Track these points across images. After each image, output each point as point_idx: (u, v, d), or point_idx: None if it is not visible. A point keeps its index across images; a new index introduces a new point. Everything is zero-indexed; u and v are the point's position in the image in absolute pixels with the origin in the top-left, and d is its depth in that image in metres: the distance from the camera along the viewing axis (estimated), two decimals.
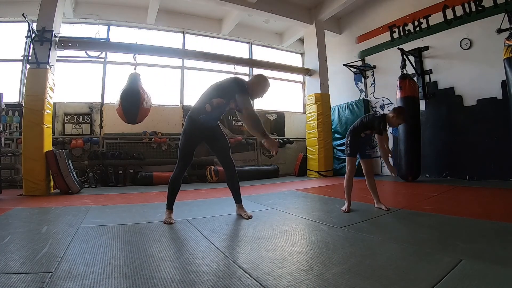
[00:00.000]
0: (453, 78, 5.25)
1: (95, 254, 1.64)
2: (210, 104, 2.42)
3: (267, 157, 7.59)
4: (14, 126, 5.29)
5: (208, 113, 2.42)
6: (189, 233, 2.10)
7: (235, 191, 2.66)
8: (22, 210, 3.00)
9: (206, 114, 2.42)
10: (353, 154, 2.81)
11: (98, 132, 6.11)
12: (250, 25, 7.72)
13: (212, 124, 2.55)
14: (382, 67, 6.62)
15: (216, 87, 2.49)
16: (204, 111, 2.42)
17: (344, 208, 2.71)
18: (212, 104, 2.41)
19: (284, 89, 8.55)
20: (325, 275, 1.32)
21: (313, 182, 5.70)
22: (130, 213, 2.85)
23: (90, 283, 1.25)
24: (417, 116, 5.12)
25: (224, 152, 2.62)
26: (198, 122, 2.45)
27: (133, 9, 6.56)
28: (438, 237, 1.86)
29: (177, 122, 6.68)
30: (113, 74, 6.44)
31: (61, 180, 4.32)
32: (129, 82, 4.96)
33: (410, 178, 5.02)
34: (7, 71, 5.78)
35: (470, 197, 3.41)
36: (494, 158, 4.60)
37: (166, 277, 1.33)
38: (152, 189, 4.88)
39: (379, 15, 6.64)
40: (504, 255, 1.50)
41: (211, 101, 2.42)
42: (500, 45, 4.11)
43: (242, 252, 1.69)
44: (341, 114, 7.28)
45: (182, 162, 2.50)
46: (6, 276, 1.31)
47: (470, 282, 1.20)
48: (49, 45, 4.47)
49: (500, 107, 4.48)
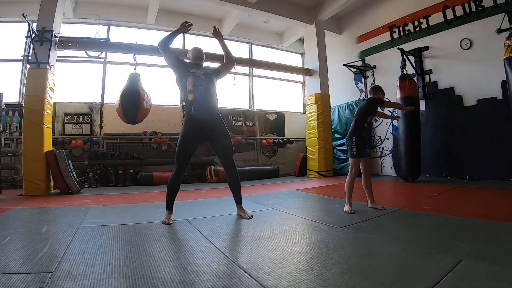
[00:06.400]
0: (453, 78, 5.25)
1: (95, 254, 1.64)
2: (182, 86, 2.58)
3: (267, 157, 7.60)
4: (14, 126, 5.28)
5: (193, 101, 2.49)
6: (189, 233, 2.10)
7: (235, 192, 2.65)
8: (22, 210, 3.00)
9: (191, 102, 2.50)
10: (360, 155, 2.77)
11: (98, 132, 6.11)
12: (250, 25, 7.73)
13: (205, 115, 2.47)
14: (382, 67, 6.62)
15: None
16: (188, 102, 2.51)
17: (348, 210, 2.68)
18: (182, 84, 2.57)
19: (284, 89, 8.56)
20: (325, 275, 1.32)
21: (313, 182, 5.70)
22: (130, 213, 2.85)
23: (90, 283, 1.26)
24: (417, 116, 5.12)
25: (224, 152, 2.57)
26: (191, 119, 2.48)
27: (133, 9, 6.56)
28: (438, 237, 1.86)
29: (177, 122, 6.67)
30: (113, 74, 6.44)
31: (61, 180, 4.32)
32: (129, 82, 4.95)
33: (410, 178, 5.02)
34: (7, 71, 5.78)
35: (470, 197, 3.41)
36: (494, 158, 4.60)
37: (166, 277, 1.33)
38: (152, 189, 4.89)
39: (379, 15, 6.64)
40: (504, 255, 1.50)
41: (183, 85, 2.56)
42: (500, 45, 4.10)
43: (242, 252, 1.69)
44: (341, 114, 7.28)
45: (177, 163, 2.49)
46: (6, 276, 1.32)
47: (470, 282, 1.20)
48: (49, 45, 4.47)
49: (500, 107, 4.47)
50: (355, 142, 2.76)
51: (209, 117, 2.50)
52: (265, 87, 8.24)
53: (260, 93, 8.11)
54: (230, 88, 7.22)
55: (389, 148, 6.36)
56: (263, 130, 7.77)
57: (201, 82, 2.52)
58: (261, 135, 7.65)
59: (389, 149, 6.36)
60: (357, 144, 2.75)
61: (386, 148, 6.40)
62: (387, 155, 6.41)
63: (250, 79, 7.99)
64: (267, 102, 8.14)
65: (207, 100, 2.51)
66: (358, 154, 2.76)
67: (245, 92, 7.93)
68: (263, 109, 7.97)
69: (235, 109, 7.52)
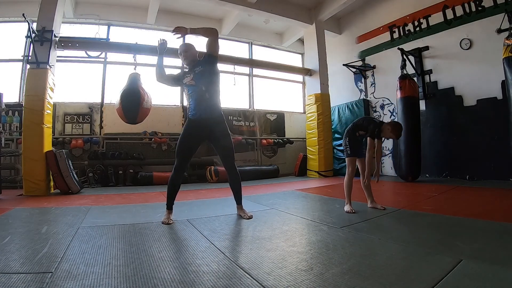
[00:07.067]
0: (453, 78, 5.25)
1: (95, 254, 1.64)
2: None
3: (267, 157, 7.60)
4: (14, 126, 5.28)
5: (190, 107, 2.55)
6: (189, 233, 2.10)
7: (236, 192, 2.65)
8: (22, 210, 3.00)
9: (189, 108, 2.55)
10: (353, 154, 2.81)
11: (98, 132, 6.11)
12: (250, 25, 7.72)
13: (204, 115, 2.46)
14: (382, 67, 6.62)
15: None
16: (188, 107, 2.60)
17: (349, 209, 2.68)
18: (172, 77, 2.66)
19: (284, 89, 8.56)
20: (325, 275, 1.32)
21: (313, 182, 5.70)
22: (130, 213, 2.85)
23: (90, 283, 1.25)
24: (417, 116, 5.12)
25: (224, 152, 2.56)
26: (191, 120, 2.51)
27: (133, 9, 6.56)
28: (438, 237, 1.86)
29: (177, 122, 6.68)
30: (113, 74, 6.44)
31: (61, 180, 4.32)
32: (129, 82, 4.96)
33: (410, 178, 5.02)
34: (7, 71, 5.78)
35: (470, 197, 3.41)
36: (494, 158, 4.60)
37: (166, 277, 1.33)
38: (152, 189, 4.89)
39: (379, 15, 6.64)
40: (504, 255, 1.50)
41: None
42: (500, 45, 4.10)
43: (242, 252, 1.69)
44: (341, 114, 7.28)
45: (176, 161, 2.50)
46: (6, 276, 1.31)
47: (470, 282, 1.20)
48: (49, 45, 4.47)
49: (500, 107, 4.47)
50: (348, 142, 2.83)
51: (209, 117, 2.49)
52: (265, 87, 8.24)
53: (260, 93, 8.11)
54: (230, 88, 7.23)
55: (389, 148, 6.36)
56: (263, 130, 7.77)
57: (193, 88, 2.51)
58: (261, 135, 7.65)
59: (389, 149, 6.37)
60: (350, 143, 2.82)
61: (386, 148, 6.40)
62: (387, 155, 6.41)
63: (250, 79, 7.99)
64: (267, 102, 8.14)
65: (204, 103, 2.48)
66: (352, 153, 2.80)
67: (245, 92, 7.93)
68: (263, 109, 7.97)
69: (235, 109, 7.52)
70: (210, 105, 2.49)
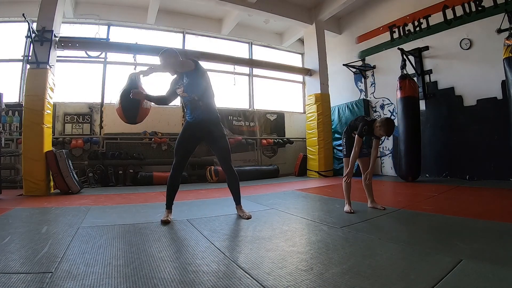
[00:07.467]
0: (453, 78, 5.25)
1: (95, 254, 1.64)
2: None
3: (267, 157, 7.60)
4: (14, 126, 5.27)
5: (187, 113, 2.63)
6: (189, 233, 2.10)
7: (234, 192, 2.66)
8: (22, 210, 3.00)
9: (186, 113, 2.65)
10: (350, 154, 2.81)
11: (98, 132, 6.10)
12: (250, 25, 7.72)
13: (201, 117, 2.52)
14: (382, 67, 6.61)
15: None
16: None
17: (348, 209, 2.68)
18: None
19: (284, 89, 8.56)
20: (325, 275, 1.32)
21: (313, 182, 5.70)
22: (130, 213, 2.85)
23: (90, 283, 1.25)
24: (417, 116, 5.12)
25: (221, 153, 2.59)
26: (189, 121, 2.58)
27: (133, 9, 6.55)
28: (438, 237, 1.86)
29: (177, 122, 6.67)
30: (113, 74, 6.44)
31: (61, 180, 4.32)
32: (129, 82, 4.95)
33: (410, 178, 5.02)
34: (7, 71, 5.77)
35: (470, 197, 3.41)
36: (494, 158, 4.60)
37: (166, 277, 1.33)
38: (152, 189, 4.88)
39: (379, 15, 6.64)
40: (504, 255, 1.50)
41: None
42: (500, 45, 4.11)
43: (242, 252, 1.69)
44: (341, 114, 7.28)
45: (174, 160, 2.56)
46: (6, 276, 1.31)
47: (470, 282, 1.20)
48: (49, 45, 4.46)
49: (500, 107, 4.47)
50: (345, 142, 2.89)
51: (206, 119, 2.55)
52: (265, 87, 8.24)
53: (260, 93, 8.11)
54: (230, 88, 7.23)
55: (389, 148, 6.36)
56: (263, 130, 7.77)
57: (186, 99, 2.58)
58: (261, 135, 7.65)
59: (389, 149, 6.37)
60: (347, 144, 2.86)
61: (386, 148, 6.40)
62: (387, 155, 6.41)
63: (250, 79, 7.99)
64: (267, 102, 8.14)
65: (199, 109, 2.54)
66: (348, 153, 2.82)
67: (245, 92, 7.93)
68: (263, 109, 7.96)
69: (235, 109, 7.52)
70: (206, 110, 2.55)
